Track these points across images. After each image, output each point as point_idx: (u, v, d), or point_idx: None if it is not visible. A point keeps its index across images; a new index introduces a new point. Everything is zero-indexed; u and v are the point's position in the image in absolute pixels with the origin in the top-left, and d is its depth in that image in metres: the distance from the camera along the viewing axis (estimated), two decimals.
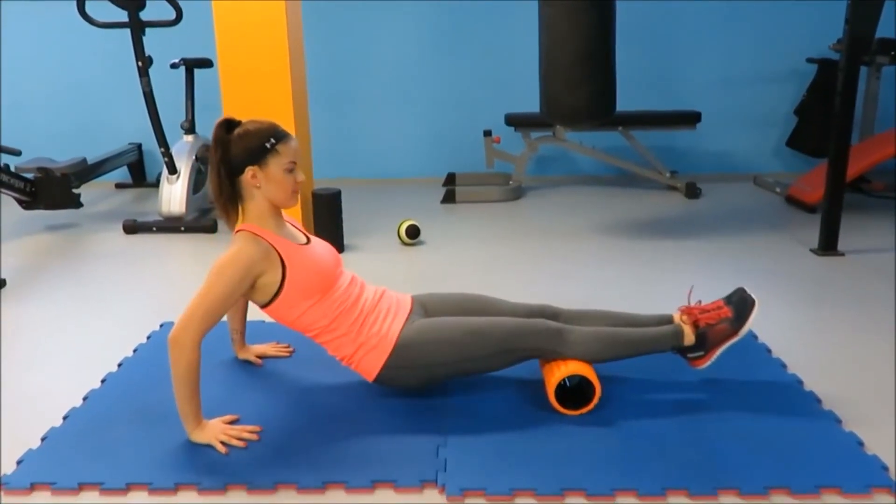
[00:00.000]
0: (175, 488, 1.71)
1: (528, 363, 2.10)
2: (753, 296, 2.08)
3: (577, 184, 5.10)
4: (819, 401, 2.06)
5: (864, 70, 4.15)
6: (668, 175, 4.81)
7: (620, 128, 4.66)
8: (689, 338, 2.07)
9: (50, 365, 2.40)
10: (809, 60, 4.75)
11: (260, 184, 1.94)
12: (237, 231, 1.98)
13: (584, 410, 1.99)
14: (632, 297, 2.92)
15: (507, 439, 1.88)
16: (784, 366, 2.27)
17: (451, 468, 1.76)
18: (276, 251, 1.93)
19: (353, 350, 2.01)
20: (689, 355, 2.10)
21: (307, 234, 2.14)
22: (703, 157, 5.18)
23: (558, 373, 1.98)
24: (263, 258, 1.90)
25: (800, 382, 2.16)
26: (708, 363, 2.09)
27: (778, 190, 4.64)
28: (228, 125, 1.94)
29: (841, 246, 3.44)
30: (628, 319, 2.20)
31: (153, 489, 1.71)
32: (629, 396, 2.09)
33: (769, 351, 2.38)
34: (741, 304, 2.07)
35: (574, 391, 2.04)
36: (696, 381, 2.17)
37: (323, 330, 2.00)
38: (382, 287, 2.18)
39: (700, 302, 2.17)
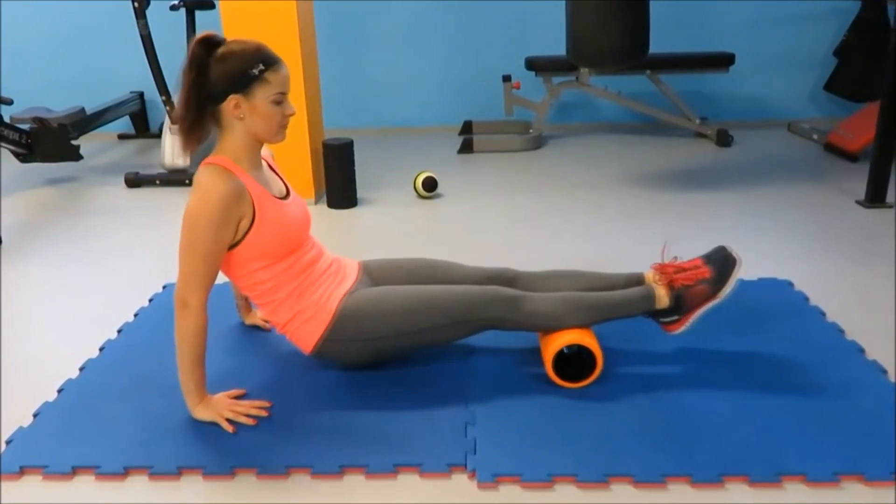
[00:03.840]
0: (178, 473, 1.55)
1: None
2: (736, 254, 1.87)
3: (600, 132, 4.84)
4: (884, 371, 1.86)
5: None
6: (697, 122, 4.54)
7: (648, 71, 4.39)
8: (663, 300, 1.85)
9: (45, 331, 2.24)
10: None
11: (243, 115, 1.68)
12: (205, 163, 1.73)
13: (585, 383, 1.81)
14: (669, 252, 2.71)
15: (542, 416, 1.70)
16: (841, 331, 2.07)
17: (481, 450, 1.59)
18: (250, 195, 1.69)
19: (289, 318, 1.81)
20: (662, 319, 1.89)
21: (287, 184, 1.90)
22: (735, 103, 4.90)
23: (556, 343, 1.80)
24: (238, 198, 1.66)
25: (861, 350, 1.97)
26: (682, 328, 1.88)
27: (815, 137, 4.38)
28: (209, 44, 1.66)
29: (889, 197, 3.20)
30: (595, 279, 1.99)
31: (154, 474, 1.55)
32: (674, 368, 1.90)
33: (823, 314, 2.18)
34: (723, 264, 1.85)
35: (573, 361, 1.84)
36: (748, 350, 1.97)
37: (264, 292, 1.79)
38: (333, 255, 1.98)
39: (676, 259, 1.94)
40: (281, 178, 1.90)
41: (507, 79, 4.41)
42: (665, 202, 3.34)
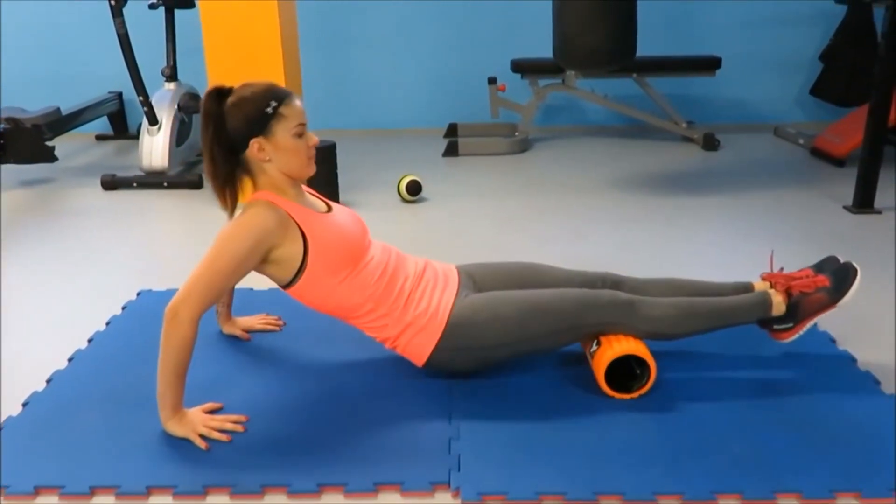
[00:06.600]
0: (147, 492, 1.48)
1: None
2: (854, 264, 1.84)
3: (586, 134, 4.80)
4: (878, 382, 1.82)
5: None
6: (684, 125, 4.51)
7: (634, 74, 4.35)
8: (780, 307, 1.83)
9: (12, 340, 2.15)
10: (839, 1, 4.41)
11: (269, 156, 1.68)
12: (251, 198, 1.71)
13: (635, 395, 1.75)
14: (657, 258, 2.67)
15: (529, 429, 1.65)
16: (833, 340, 2.03)
17: (465, 466, 1.53)
18: (294, 220, 1.68)
19: (399, 331, 1.76)
20: (776, 327, 1.87)
21: (327, 201, 1.88)
22: (721, 106, 4.88)
23: (612, 350, 1.73)
24: (279, 227, 1.65)
25: (853, 360, 1.93)
26: (795, 337, 1.86)
27: (801, 141, 4.36)
28: (219, 95, 1.66)
29: (876, 203, 3.17)
30: (701, 288, 1.94)
31: (121, 493, 1.47)
32: (666, 378, 1.84)
33: (814, 323, 2.13)
34: (842, 273, 1.84)
35: (622, 373, 1.78)
36: (738, 359, 1.93)
37: (359, 311, 1.75)
38: (423, 258, 1.92)
39: (783, 269, 1.92)
40: (318, 197, 1.88)
41: (492, 81, 4.36)
42: (651, 206, 3.30)
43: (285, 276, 1.71)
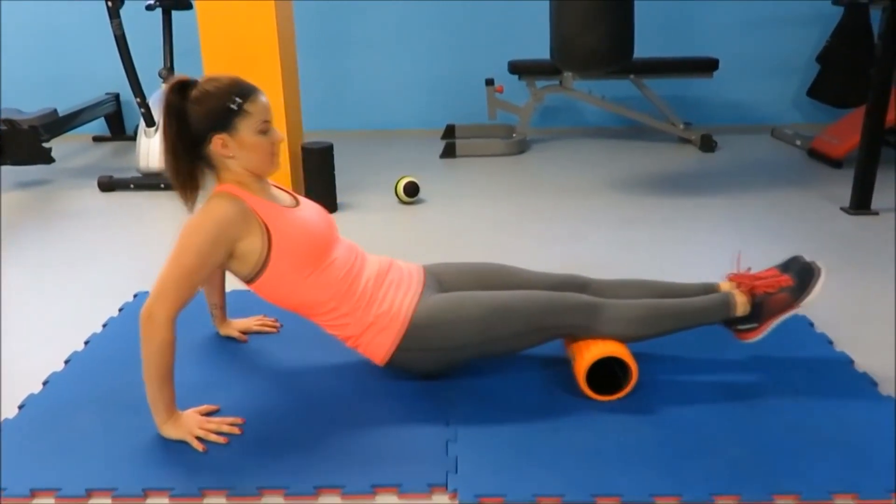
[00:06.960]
0: (143, 495, 1.47)
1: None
2: (818, 264, 1.84)
3: (584, 136, 4.80)
4: (875, 384, 1.82)
5: None
6: (681, 126, 4.51)
7: (632, 76, 4.36)
8: (743, 307, 1.82)
9: (8, 342, 2.14)
10: (836, 2, 4.42)
11: (232, 153, 1.66)
12: (214, 193, 1.71)
13: (617, 396, 1.75)
14: (656, 259, 2.67)
15: (526, 431, 1.64)
16: (831, 342, 2.03)
17: (462, 468, 1.52)
18: (256, 214, 1.66)
19: (360, 331, 1.75)
20: (739, 327, 1.86)
21: (295, 195, 1.86)
22: (719, 107, 4.88)
23: (589, 354, 1.73)
24: (240, 219, 1.63)
25: (850, 362, 1.93)
26: (759, 337, 1.84)
27: (798, 143, 4.37)
28: (182, 88, 1.63)
29: (873, 204, 3.18)
30: (668, 289, 1.93)
31: (118, 496, 1.47)
32: (664, 379, 1.84)
33: (812, 325, 2.13)
34: (805, 273, 1.83)
35: (606, 374, 1.79)
36: (736, 361, 1.93)
37: (321, 309, 1.74)
38: (387, 257, 1.91)
39: (750, 269, 1.91)
40: (286, 191, 1.86)
41: (489, 82, 4.36)
42: (649, 207, 3.30)
43: (248, 270, 1.69)
